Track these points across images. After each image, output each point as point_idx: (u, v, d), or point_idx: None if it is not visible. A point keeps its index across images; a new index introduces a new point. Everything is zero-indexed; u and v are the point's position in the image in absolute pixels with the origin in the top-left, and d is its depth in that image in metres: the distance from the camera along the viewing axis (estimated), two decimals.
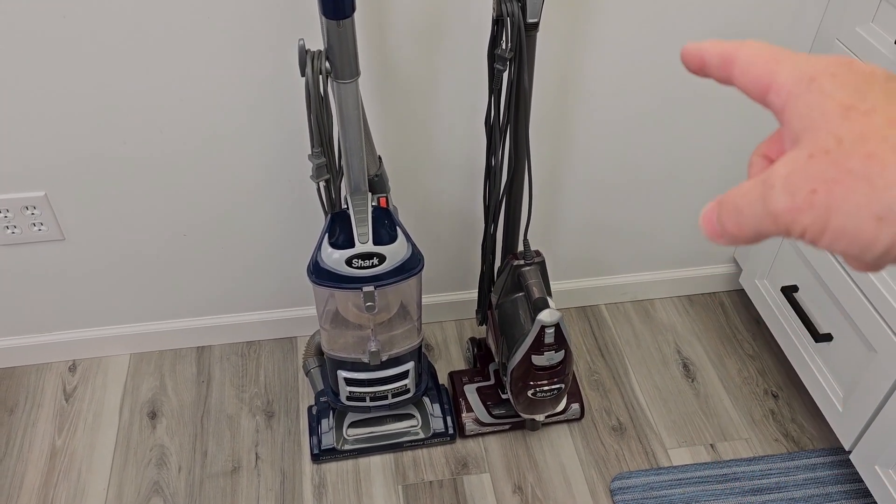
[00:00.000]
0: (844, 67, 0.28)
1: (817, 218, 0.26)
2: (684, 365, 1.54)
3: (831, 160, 0.26)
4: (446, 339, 1.59)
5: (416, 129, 1.26)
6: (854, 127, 0.26)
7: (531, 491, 1.33)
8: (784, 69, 0.29)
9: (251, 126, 1.22)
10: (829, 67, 0.28)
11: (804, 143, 0.27)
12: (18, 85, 1.11)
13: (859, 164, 0.25)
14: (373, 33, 1.13)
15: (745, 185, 0.29)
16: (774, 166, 0.28)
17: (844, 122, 0.26)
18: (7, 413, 1.43)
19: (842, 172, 0.25)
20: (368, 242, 1.02)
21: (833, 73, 0.28)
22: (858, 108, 0.26)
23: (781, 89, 0.29)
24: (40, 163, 1.21)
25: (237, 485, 1.33)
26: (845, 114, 0.26)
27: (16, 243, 1.31)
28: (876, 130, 0.26)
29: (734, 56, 0.31)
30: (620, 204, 1.47)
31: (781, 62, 0.29)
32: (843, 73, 0.28)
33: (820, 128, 0.27)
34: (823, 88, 0.27)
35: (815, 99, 0.27)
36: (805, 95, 0.28)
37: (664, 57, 1.24)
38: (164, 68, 1.13)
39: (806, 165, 0.26)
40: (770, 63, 0.30)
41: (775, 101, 0.29)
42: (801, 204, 0.26)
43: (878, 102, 0.26)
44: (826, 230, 0.26)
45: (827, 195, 0.26)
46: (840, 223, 0.26)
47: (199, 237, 1.37)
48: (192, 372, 1.51)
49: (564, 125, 1.31)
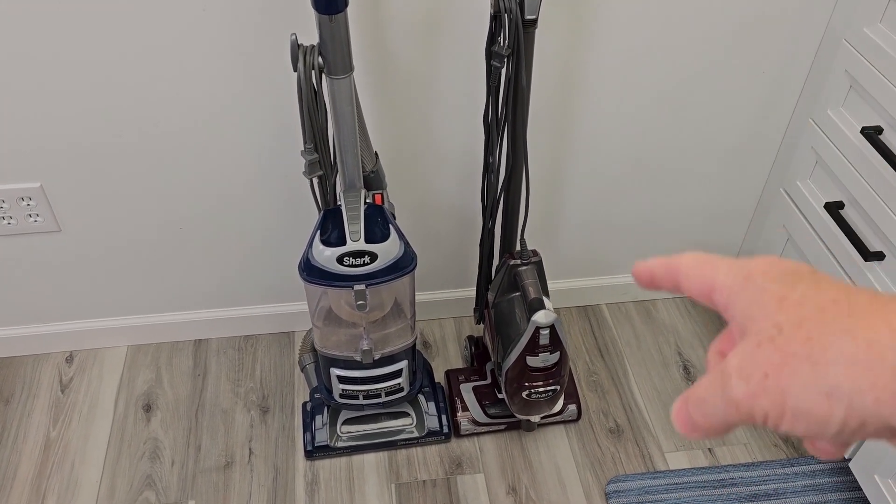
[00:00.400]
0: (773, 265, 0.31)
1: (775, 401, 0.28)
2: (685, 367, 1.52)
3: (776, 346, 0.28)
4: (444, 337, 1.58)
5: (414, 124, 1.25)
6: (790, 315, 0.29)
7: (525, 492, 1.32)
8: (721, 271, 0.32)
9: (247, 120, 1.20)
10: (760, 266, 0.32)
11: (750, 334, 0.30)
12: (14, 77, 1.10)
13: (800, 347, 0.28)
14: (369, 28, 1.12)
15: (705, 378, 0.32)
16: (728, 358, 0.30)
17: (781, 312, 0.29)
18: (3, 403, 1.44)
19: (787, 356, 0.28)
20: (360, 240, 1.00)
21: (764, 271, 0.31)
22: (791, 298, 0.29)
23: (723, 288, 0.32)
24: (36, 154, 1.20)
25: (230, 480, 1.32)
26: (780, 304, 0.29)
27: (12, 234, 1.31)
28: (809, 316, 0.28)
29: (677, 266, 0.35)
30: (623, 202, 1.45)
31: (718, 266, 0.33)
32: (773, 269, 0.31)
33: (761, 318, 0.30)
34: (758, 284, 0.31)
35: (753, 294, 0.31)
36: (744, 292, 0.31)
37: (666, 54, 1.22)
38: (158, 62, 1.11)
39: (755, 353, 0.29)
40: (708, 268, 0.33)
41: (719, 300, 0.32)
42: (756, 389, 0.28)
43: (808, 292, 0.29)
44: (785, 411, 0.28)
45: (778, 378, 0.28)
46: (795, 403, 0.28)
47: (196, 230, 1.36)
48: (188, 365, 1.51)
49: (565, 122, 1.29)
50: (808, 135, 1.27)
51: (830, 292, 0.29)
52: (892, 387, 0.26)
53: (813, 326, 0.28)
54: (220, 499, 1.30)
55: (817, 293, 0.29)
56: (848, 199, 1.19)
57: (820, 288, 0.30)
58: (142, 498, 1.30)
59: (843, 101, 1.18)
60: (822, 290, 0.29)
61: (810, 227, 1.28)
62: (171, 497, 1.30)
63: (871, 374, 0.26)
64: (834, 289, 0.29)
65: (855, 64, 1.13)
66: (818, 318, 0.28)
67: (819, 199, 1.26)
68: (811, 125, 1.25)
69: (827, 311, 0.28)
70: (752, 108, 1.32)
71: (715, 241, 1.57)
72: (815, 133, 1.24)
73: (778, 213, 1.38)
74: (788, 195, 1.34)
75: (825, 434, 0.28)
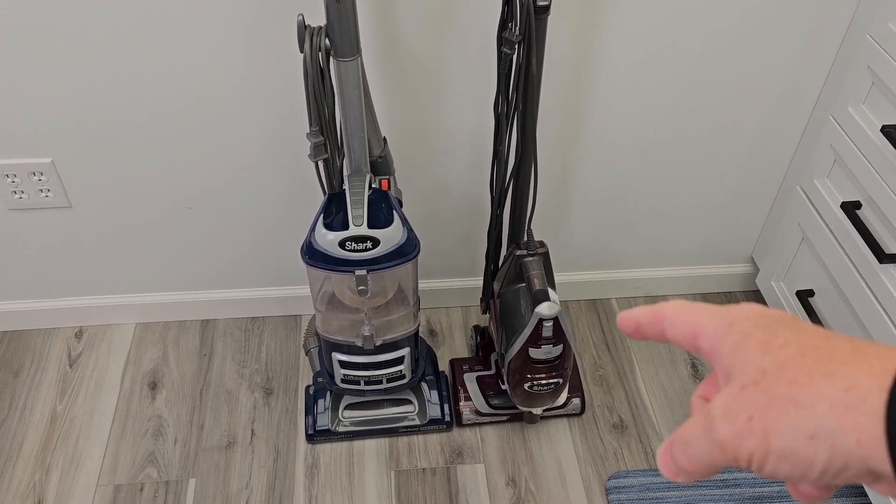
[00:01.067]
0: (756, 311, 0.32)
1: (759, 442, 0.29)
2: (693, 365, 1.50)
3: (760, 389, 0.29)
4: (451, 326, 1.57)
5: (424, 109, 1.24)
6: (774, 359, 0.30)
7: (525, 484, 1.31)
8: (705, 318, 0.33)
9: (256, 100, 1.20)
10: (743, 312, 0.32)
11: (735, 378, 0.30)
12: (27, 52, 1.11)
13: (784, 390, 0.28)
14: (380, 10, 1.10)
15: (689, 421, 0.32)
16: (713, 400, 0.31)
17: (765, 356, 0.30)
18: (12, 375, 1.45)
19: (771, 398, 0.29)
20: (363, 225, 1.00)
21: (747, 317, 0.32)
22: (774, 343, 0.30)
23: (708, 334, 0.33)
24: (48, 130, 1.21)
25: (231, 460, 1.33)
26: (764, 349, 0.30)
27: (23, 208, 1.32)
28: (792, 360, 0.29)
29: (662, 314, 0.35)
30: (635, 196, 1.43)
31: (702, 313, 0.34)
32: (755, 316, 0.32)
33: (746, 362, 0.30)
34: (742, 329, 0.31)
35: (737, 339, 0.31)
36: (728, 337, 0.32)
37: (682, 44, 1.19)
38: (169, 40, 1.11)
39: (739, 396, 0.30)
40: (693, 314, 0.34)
41: (704, 346, 0.33)
42: (741, 430, 0.29)
43: (790, 337, 0.30)
44: (769, 453, 0.29)
45: (762, 420, 0.29)
46: (779, 444, 0.28)
47: (205, 210, 1.36)
48: (195, 344, 1.52)
49: (578, 112, 1.27)
50: (827, 132, 1.24)
51: (812, 338, 0.30)
52: (872, 430, 0.27)
53: (796, 370, 0.29)
54: (220, 478, 1.30)
55: (799, 338, 0.30)
56: (865, 199, 1.16)
57: (802, 333, 0.30)
58: (143, 474, 1.31)
59: (865, 99, 1.15)
60: (803, 335, 0.30)
61: (826, 226, 1.25)
62: (173, 475, 1.31)
63: (853, 416, 0.27)
64: (815, 334, 0.30)
65: (878, 60, 1.10)
66: (801, 362, 0.29)
67: (836, 198, 1.23)
68: (831, 122, 1.22)
69: (809, 355, 0.29)
70: (770, 102, 1.29)
71: (728, 239, 1.54)
72: (834, 130, 1.21)
73: (794, 211, 1.35)
74: (805, 193, 1.31)
75: (809, 476, 0.28)
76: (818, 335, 0.30)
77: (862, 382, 0.27)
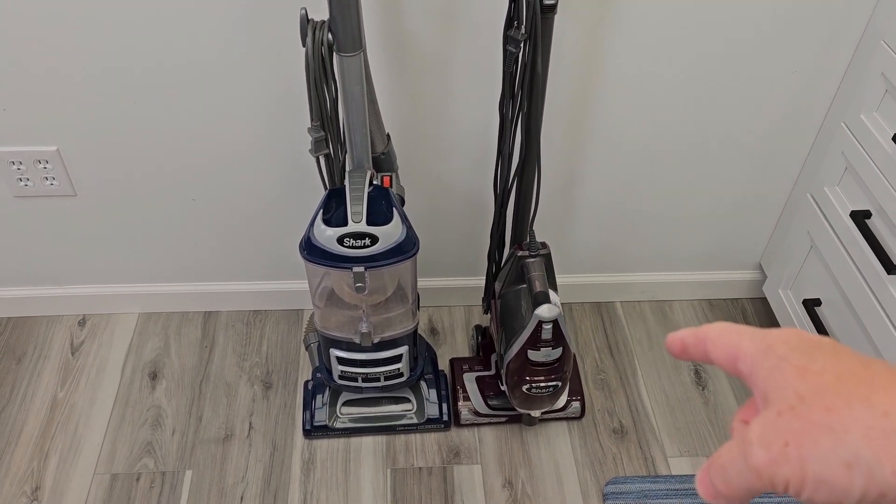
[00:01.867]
0: (795, 336, 0.32)
1: (795, 469, 0.28)
2: (696, 371, 1.49)
3: (796, 415, 0.29)
4: (453, 325, 1.56)
5: (429, 107, 1.23)
6: (811, 385, 0.30)
7: (521, 487, 1.30)
8: (744, 340, 0.33)
9: (260, 93, 1.20)
10: (782, 336, 0.32)
11: (772, 402, 0.31)
12: (33, 40, 1.11)
13: (820, 417, 0.28)
14: (386, 6, 1.09)
15: (727, 445, 0.32)
16: (750, 426, 0.31)
17: (802, 382, 0.30)
18: (15, 361, 1.46)
19: (807, 424, 0.29)
20: (362, 222, 0.99)
21: (785, 341, 0.32)
22: (811, 369, 0.30)
23: (746, 357, 0.33)
24: (53, 118, 1.21)
25: (227, 452, 1.33)
26: (801, 374, 0.30)
27: (29, 196, 1.32)
28: (829, 386, 0.29)
29: (706, 334, 0.35)
30: (641, 199, 1.41)
31: (742, 335, 0.34)
32: (794, 340, 0.32)
33: (783, 387, 0.30)
34: (780, 353, 0.32)
35: (774, 363, 0.31)
36: (766, 361, 0.32)
37: (691, 47, 1.17)
38: (174, 31, 1.11)
39: (776, 421, 0.30)
40: (733, 336, 0.34)
41: (743, 368, 0.33)
42: (776, 456, 0.29)
43: (828, 363, 0.30)
44: (805, 480, 0.28)
45: (798, 446, 0.28)
46: (815, 471, 0.28)
47: (209, 202, 1.36)
48: (196, 336, 1.52)
49: (584, 112, 1.26)
50: (838, 139, 1.21)
51: (849, 364, 0.30)
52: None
53: (833, 396, 0.29)
54: (216, 471, 1.30)
55: (837, 364, 0.30)
56: (876, 208, 1.14)
57: (840, 359, 0.30)
58: (140, 464, 1.31)
59: (878, 106, 1.13)
60: (841, 361, 0.30)
61: (835, 235, 1.22)
62: (169, 465, 1.31)
63: (890, 444, 0.27)
64: (853, 360, 0.30)
65: (892, 67, 1.08)
66: (838, 388, 0.29)
67: (846, 206, 1.20)
68: (843, 129, 1.20)
69: (846, 381, 0.29)
70: (781, 108, 1.27)
71: (736, 245, 1.52)
72: (846, 138, 1.19)
73: (803, 219, 1.33)
74: (815, 201, 1.29)
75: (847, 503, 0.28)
76: (856, 361, 0.30)
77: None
